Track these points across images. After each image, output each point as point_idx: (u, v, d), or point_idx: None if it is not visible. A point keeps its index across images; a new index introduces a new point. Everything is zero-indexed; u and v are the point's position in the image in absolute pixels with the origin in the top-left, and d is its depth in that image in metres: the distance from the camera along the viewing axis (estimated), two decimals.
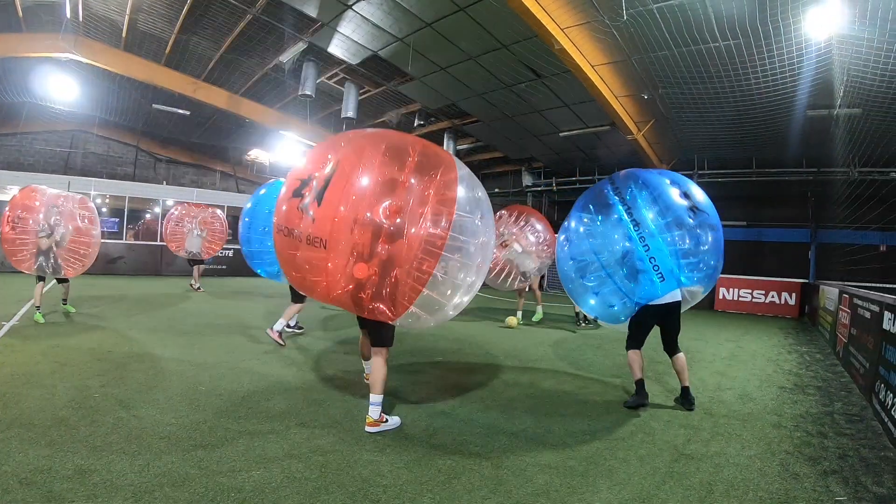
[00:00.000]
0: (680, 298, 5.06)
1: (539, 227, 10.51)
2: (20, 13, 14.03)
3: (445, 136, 19.88)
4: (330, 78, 16.73)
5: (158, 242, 20.34)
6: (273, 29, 14.07)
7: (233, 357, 6.40)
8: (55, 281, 9.08)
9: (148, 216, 27.43)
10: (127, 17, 14.26)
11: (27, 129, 23.99)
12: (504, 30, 11.93)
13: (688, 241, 5.04)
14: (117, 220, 26.67)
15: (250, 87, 18.54)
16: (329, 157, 3.85)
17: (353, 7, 12.05)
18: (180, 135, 24.91)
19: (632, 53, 11.66)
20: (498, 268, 10.29)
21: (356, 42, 13.76)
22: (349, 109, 16.08)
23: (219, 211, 15.69)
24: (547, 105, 15.70)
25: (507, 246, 10.22)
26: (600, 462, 3.62)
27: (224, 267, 20.22)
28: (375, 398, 4.05)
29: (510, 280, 10.43)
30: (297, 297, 7.45)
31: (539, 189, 22.57)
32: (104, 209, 22.06)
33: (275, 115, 20.66)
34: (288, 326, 7.78)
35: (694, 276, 5.09)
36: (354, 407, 4.61)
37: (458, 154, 20.77)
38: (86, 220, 8.70)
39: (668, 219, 5.06)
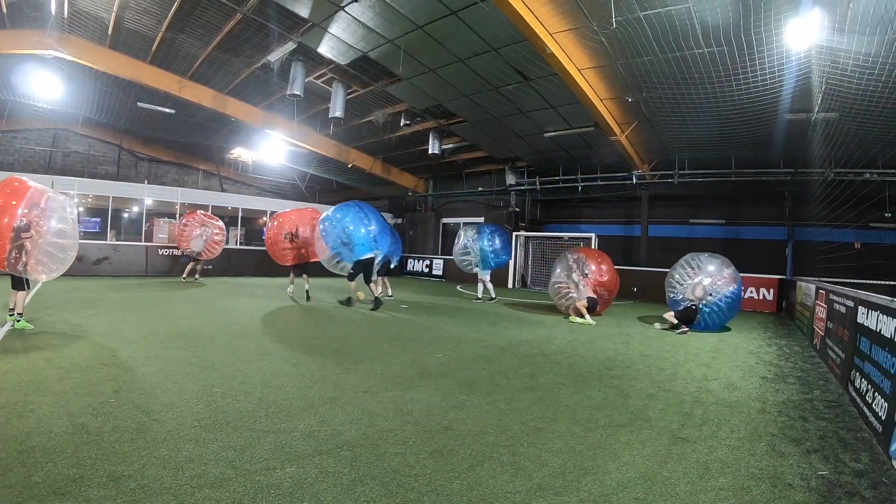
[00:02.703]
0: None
1: (604, 268, 12.45)
2: (4, 9, 13.79)
3: (431, 135, 19.97)
4: (318, 78, 16.69)
5: (143, 243, 20.34)
6: (262, 28, 13.97)
7: (237, 358, 6.50)
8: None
9: (127, 215, 27.37)
10: (114, 15, 14.03)
11: (7, 127, 23.60)
12: (494, 33, 12.09)
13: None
14: (99, 219, 26.49)
15: (236, 85, 18.34)
16: None
17: (346, 8, 12.09)
18: (163, 133, 24.56)
19: (618, 58, 11.93)
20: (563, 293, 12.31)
21: (346, 43, 13.77)
22: (337, 109, 16.10)
23: (220, 223, 18.04)
24: (533, 106, 15.91)
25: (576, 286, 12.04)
26: (606, 446, 3.92)
27: (210, 266, 20.13)
28: None
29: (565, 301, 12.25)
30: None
31: (522, 188, 22.70)
32: (81, 209, 21.84)
33: (260, 115, 20.49)
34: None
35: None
36: (370, 402, 4.81)
37: (442, 153, 21.01)
38: (69, 221, 8.21)
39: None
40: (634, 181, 18.52)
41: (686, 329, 10.52)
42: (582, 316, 11.40)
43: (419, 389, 5.36)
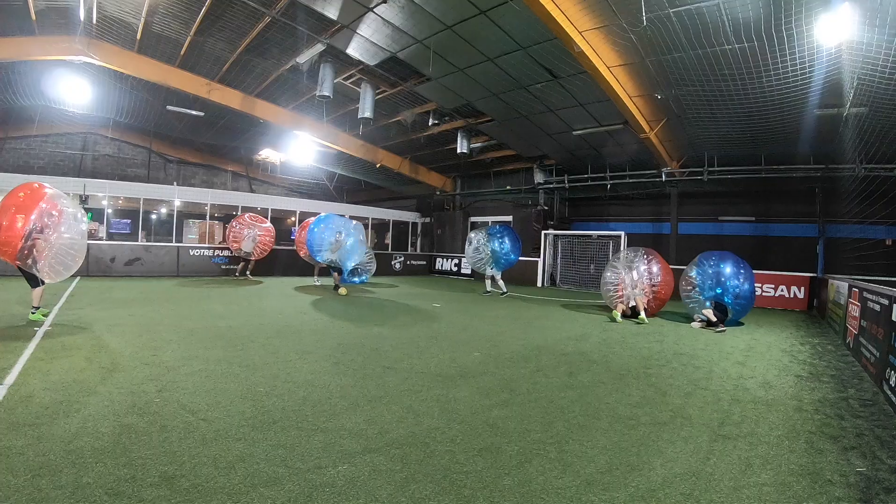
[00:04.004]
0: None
1: (655, 269, 12.47)
2: (33, 16, 14.03)
3: (459, 134, 19.99)
4: (346, 78, 16.84)
5: (174, 244, 20.66)
6: (291, 30, 14.09)
7: (277, 357, 6.58)
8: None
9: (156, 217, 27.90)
10: (142, 20, 14.27)
11: (38, 131, 24.13)
12: (523, 32, 12.13)
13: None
14: (130, 221, 26.98)
15: (265, 87, 18.57)
16: None
17: (374, 10, 12.19)
18: (192, 135, 25.00)
19: (647, 55, 11.94)
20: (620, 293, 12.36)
21: (375, 44, 13.86)
22: (366, 110, 16.19)
23: (267, 224, 19.33)
24: (561, 104, 15.90)
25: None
26: (649, 444, 4.02)
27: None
28: None
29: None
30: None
31: (551, 186, 22.65)
32: (110, 210, 22.17)
33: (289, 116, 20.70)
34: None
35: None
36: (414, 401, 4.92)
37: (470, 152, 21.03)
38: (79, 230, 8.63)
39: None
40: (664, 178, 18.44)
41: (724, 328, 10.58)
42: (637, 313, 11.51)
43: (461, 388, 5.46)
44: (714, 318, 10.67)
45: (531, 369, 6.51)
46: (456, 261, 26.35)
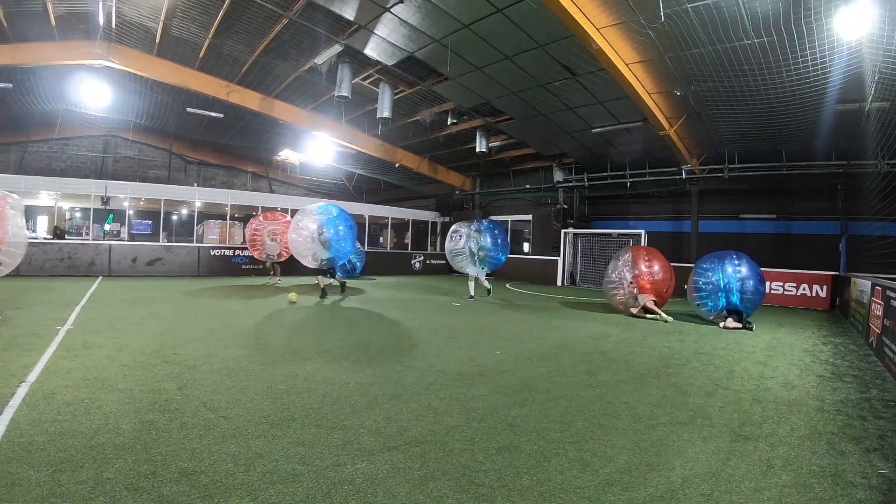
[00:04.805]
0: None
1: (656, 268, 12.40)
2: (53, 22, 14.32)
3: (478, 133, 20.01)
4: (364, 79, 16.90)
5: (195, 244, 20.86)
6: (308, 32, 14.20)
7: (296, 355, 6.63)
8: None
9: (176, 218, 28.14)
10: (160, 24, 14.50)
11: (60, 134, 24.54)
12: (541, 30, 12.13)
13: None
14: (151, 222, 27.32)
15: (283, 88, 18.75)
16: None
17: (391, 10, 12.24)
18: (212, 137, 25.24)
19: (665, 51, 11.89)
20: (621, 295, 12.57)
21: (393, 44, 13.92)
22: (384, 110, 16.29)
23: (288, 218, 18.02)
24: (580, 102, 15.86)
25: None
26: (669, 443, 4.01)
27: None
28: None
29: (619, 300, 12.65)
30: None
31: (570, 184, 22.59)
32: (131, 211, 22.37)
33: (307, 116, 20.87)
34: None
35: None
36: (433, 399, 4.94)
37: (489, 151, 20.97)
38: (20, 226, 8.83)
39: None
40: (684, 176, 18.32)
41: (751, 324, 10.64)
42: (653, 312, 11.57)
43: (480, 386, 5.47)
44: (739, 325, 10.63)
45: (550, 368, 6.51)
46: None
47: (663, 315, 11.40)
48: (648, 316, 11.55)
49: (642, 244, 19.15)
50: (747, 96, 12.96)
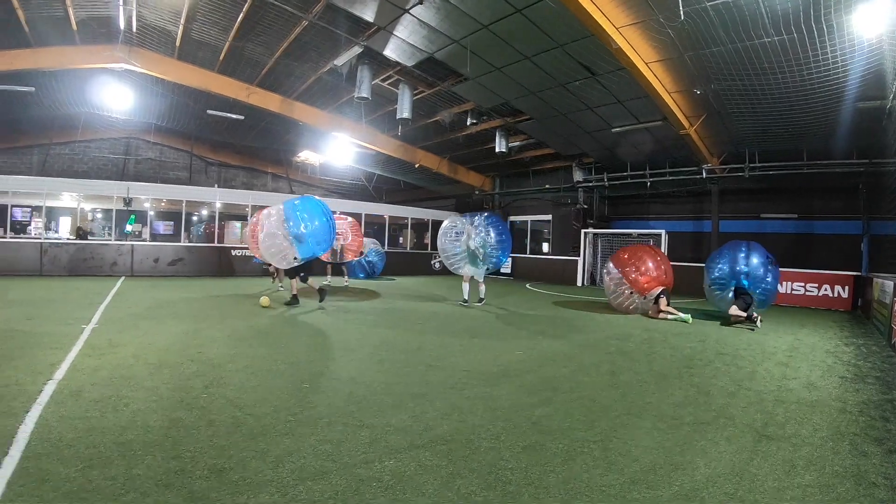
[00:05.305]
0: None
1: (650, 265, 12.37)
2: (74, 26, 14.55)
3: (497, 133, 19.97)
4: (384, 80, 17.00)
5: (216, 244, 21.05)
6: (328, 34, 14.27)
7: (321, 354, 6.78)
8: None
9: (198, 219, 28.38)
10: (181, 27, 14.67)
11: (82, 137, 25.01)
12: (560, 30, 12.12)
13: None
14: (173, 223, 27.66)
15: (303, 90, 18.85)
16: None
17: (410, 11, 12.31)
18: (232, 139, 25.47)
19: (685, 50, 11.87)
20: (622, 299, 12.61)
21: (412, 45, 13.98)
22: (404, 111, 16.33)
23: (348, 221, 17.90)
24: (600, 102, 15.83)
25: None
26: (693, 443, 4.05)
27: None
28: None
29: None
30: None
31: (590, 184, 22.52)
32: (152, 212, 22.54)
33: (327, 118, 20.96)
34: None
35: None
36: (458, 399, 5.00)
37: (509, 151, 20.91)
38: None
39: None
40: (704, 175, 18.21)
41: (757, 316, 10.74)
42: (671, 314, 11.56)
43: (504, 386, 5.53)
44: (742, 312, 10.66)
45: (573, 368, 6.56)
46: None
47: (681, 315, 11.37)
48: (669, 317, 11.51)
49: (663, 244, 19.15)
50: (767, 94, 12.88)
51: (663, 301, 11.77)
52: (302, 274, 11.94)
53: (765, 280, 11.16)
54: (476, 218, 13.20)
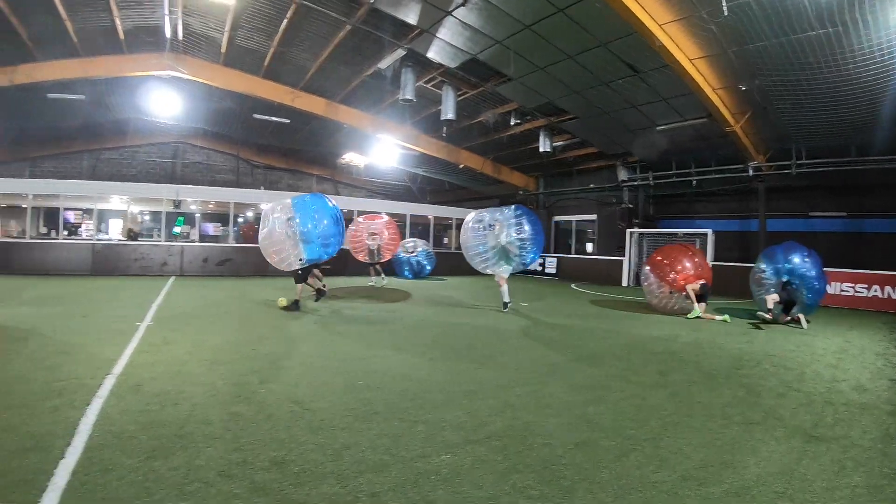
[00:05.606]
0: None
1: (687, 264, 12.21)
2: (121, 35, 15.08)
3: (541, 133, 19.90)
4: (427, 81, 17.14)
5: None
6: (372, 37, 14.47)
7: (372, 352, 6.93)
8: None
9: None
10: (226, 34, 15.08)
11: (132, 142, 26.02)
12: (602, 28, 12.15)
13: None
14: (220, 224, 28.26)
15: (348, 93, 19.10)
16: None
17: (453, 13, 12.44)
18: (277, 142, 25.97)
19: (729, 46, 11.81)
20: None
21: (455, 46, 14.10)
22: (448, 112, 16.44)
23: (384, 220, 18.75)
24: (644, 100, 15.75)
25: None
26: (743, 442, 4.12)
27: (329, 266, 20.84)
28: None
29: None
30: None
31: (635, 183, 22.29)
32: (198, 214, 23.02)
33: (371, 120, 21.18)
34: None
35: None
36: (509, 396, 5.13)
37: (553, 151, 20.81)
38: None
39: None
40: (751, 173, 17.90)
41: (788, 318, 10.74)
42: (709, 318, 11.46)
43: (554, 384, 5.66)
44: (778, 301, 10.64)
45: (622, 368, 6.65)
46: (541, 260, 26.10)
47: (717, 317, 11.29)
48: (707, 315, 11.43)
49: (709, 244, 18.89)
50: (813, 89, 12.65)
51: (694, 291, 11.69)
52: (300, 272, 11.30)
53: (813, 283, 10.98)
54: (505, 212, 11.78)
